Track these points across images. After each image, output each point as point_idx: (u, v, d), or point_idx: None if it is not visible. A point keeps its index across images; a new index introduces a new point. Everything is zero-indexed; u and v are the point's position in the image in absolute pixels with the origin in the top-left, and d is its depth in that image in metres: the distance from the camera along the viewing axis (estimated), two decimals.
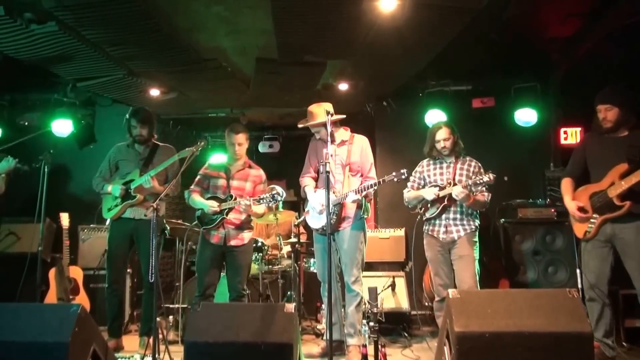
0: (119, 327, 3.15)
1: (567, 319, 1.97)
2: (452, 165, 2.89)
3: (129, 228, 3.07)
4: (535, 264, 3.58)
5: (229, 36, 3.15)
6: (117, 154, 3.21)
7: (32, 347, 1.91)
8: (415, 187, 2.99)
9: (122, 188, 3.03)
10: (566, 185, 2.80)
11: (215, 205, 2.88)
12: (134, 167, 3.12)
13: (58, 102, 4.00)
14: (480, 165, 2.89)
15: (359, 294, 2.83)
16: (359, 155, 2.92)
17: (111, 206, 3.11)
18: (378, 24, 2.79)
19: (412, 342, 3.31)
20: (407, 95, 4.25)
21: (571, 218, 2.77)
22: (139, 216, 3.06)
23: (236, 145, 2.98)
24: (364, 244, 2.90)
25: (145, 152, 3.17)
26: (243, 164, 3.04)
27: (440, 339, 2.23)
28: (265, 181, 3.09)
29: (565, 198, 2.77)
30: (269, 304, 3.41)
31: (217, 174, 3.03)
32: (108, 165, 3.20)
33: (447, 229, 2.82)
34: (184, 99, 4.19)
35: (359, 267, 2.86)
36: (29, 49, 2.96)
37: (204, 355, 2.08)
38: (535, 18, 3.20)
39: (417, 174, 3.01)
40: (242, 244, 2.94)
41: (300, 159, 3.16)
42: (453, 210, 2.81)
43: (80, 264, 3.86)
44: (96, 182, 3.17)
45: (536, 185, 4.07)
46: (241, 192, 2.93)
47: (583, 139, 2.91)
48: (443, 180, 2.87)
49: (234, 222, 2.93)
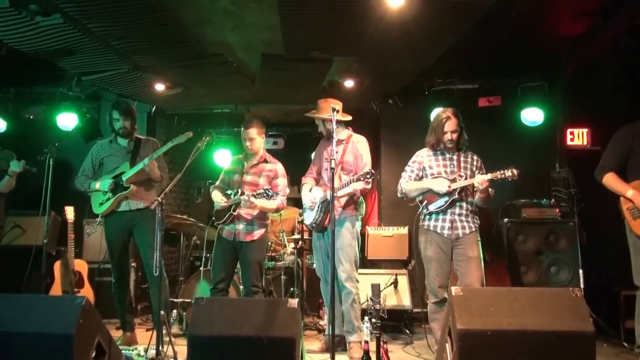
0: (131, 321, 3.13)
1: (570, 318, 1.96)
2: (456, 157, 2.73)
3: (125, 221, 3.02)
4: (538, 264, 3.57)
5: (235, 31, 3.15)
6: (100, 152, 3.13)
7: (37, 338, 1.93)
8: (413, 177, 2.78)
9: (111, 182, 2.97)
10: (616, 178, 2.62)
11: (222, 201, 2.89)
12: (121, 161, 3.05)
13: (63, 95, 4.01)
14: (480, 160, 2.78)
15: (351, 292, 2.81)
16: (352, 155, 2.91)
17: (102, 200, 3.04)
18: (385, 20, 2.78)
19: (413, 339, 3.33)
20: (413, 93, 4.22)
21: (629, 216, 2.56)
22: (134, 207, 3.01)
23: (247, 141, 2.97)
24: (355, 241, 2.88)
25: (130, 145, 3.10)
26: (258, 159, 3.02)
27: (442, 336, 2.22)
28: (283, 174, 3.03)
29: (628, 192, 2.55)
30: (273, 299, 3.43)
31: (234, 169, 3.04)
32: (91, 164, 3.12)
33: (452, 225, 2.64)
34: (189, 94, 4.19)
35: (351, 263, 2.84)
36: (33, 42, 2.96)
37: (207, 349, 2.09)
38: (545, 16, 3.17)
39: (416, 164, 2.80)
40: (252, 240, 2.91)
41: (304, 156, 3.16)
42: (460, 205, 2.65)
43: (85, 257, 3.89)
44: (80, 182, 3.09)
45: (541, 185, 4.04)
46: (255, 187, 2.89)
47: (624, 134, 2.68)
48: (447, 173, 2.68)
49: (245, 217, 2.91)
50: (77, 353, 1.89)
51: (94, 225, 4.00)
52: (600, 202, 2.96)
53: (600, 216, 3.17)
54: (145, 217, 2.97)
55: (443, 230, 2.67)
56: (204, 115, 5.05)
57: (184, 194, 5.27)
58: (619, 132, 2.70)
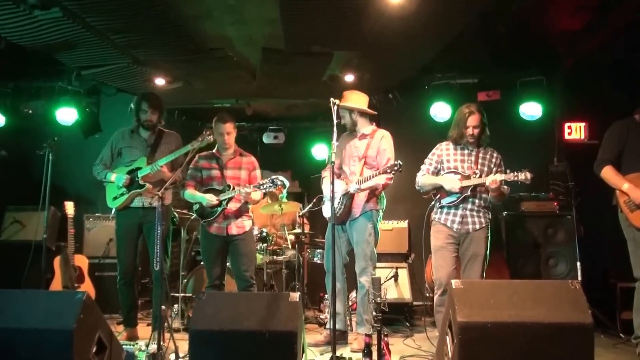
0: (134, 318, 3.13)
1: (568, 309, 1.98)
2: (475, 153, 2.71)
3: (137, 217, 3.01)
4: (536, 257, 3.60)
5: (235, 25, 3.13)
6: (120, 141, 3.07)
7: (38, 334, 1.91)
8: (431, 170, 2.78)
9: (126, 177, 2.94)
10: (614, 172, 2.63)
11: (213, 198, 2.87)
12: (139, 154, 3.02)
13: (62, 90, 3.98)
14: (500, 157, 2.77)
15: (364, 286, 2.86)
16: (376, 150, 2.93)
17: (116, 195, 3.02)
18: (386, 14, 2.77)
19: (413, 332, 3.36)
20: (413, 88, 4.22)
21: (626, 209, 2.58)
22: (147, 204, 2.99)
23: (225, 135, 2.94)
24: (372, 236, 2.90)
25: (151, 138, 3.06)
26: (233, 153, 3.02)
27: (443, 329, 2.25)
28: (258, 167, 3.07)
29: (624, 185, 2.56)
30: (274, 293, 3.44)
31: (210, 165, 3.00)
32: (110, 152, 3.06)
33: (463, 220, 2.67)
34: (189, 88, 4.17)
35: (367, 259, 2.88)
36: (32, 35, 2.94)
37: (209, 343, 2.09)
38: (544, 11, 3.17)
39: (435, 156, 2.80)
40: (244, 231, 2.95)
41: (305, 150, 3.16)
42: (472, 200, 2.67)
43: (85, 252, 3.89)
44: (97, 170, 3.05)
45: (539, 179, 4.05)
46: (237, 181, 2.93)
47: (619, 128, 2.70)
48: (464, 168, 2.68)
49: (233, 210, 2.93)
50: (77, 348, 1.88)
51: (94, 220, 4.00)
52: (598, 196, 2.99)
53: (598, 209, 3.19)
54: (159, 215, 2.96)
55: (453, 224, 2.71)
56: (205, 110, 5.02)
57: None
58: (613, 126, 2.72)
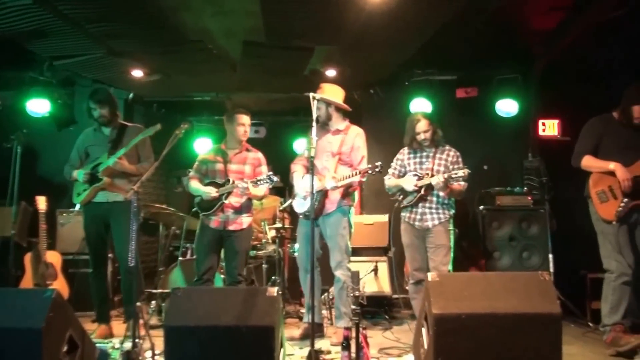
0: (107, 313, 3.06)
1: (538, 300, 2.04)
2: (432, 155, 2.94)
3: (101, 212, 2.97)
4: (511, 249, 3.71)
5: (215, 17, 3.08)
6: (85, 141, 3.06)
7: (5, 333, 1.86)
8: (396, 174, 3.03)
9: (85, 173, 2.92)
10: (594, 158, 2.66)
11: (212, 191, 2.86)
12: (102, 151, 2.98)
13: (33, 80, 3.83)
14: (458, 154, 2.95)
15: (340, 279, 2.89)
16: (350, 147, 2.94)
17: (80, 191, 3.00)
18: (367, 10, 2.78)
19: (392, 325, 3.42)
20: (394, 84, 4.26)
21: (596, 199, 2.64)
22: (111, 199, 2.95)
23: (246, 127, 2.98)
24: (347, 230, 2.93)
25: (112, 133, 3.02)
26: (241, 147, 3.02)
27: (419, 321, 2.29)
28: (265, 162, 3.06)
29: (610, 165, 2.58)
30: (252, 288, 3.43)
31: (215, 158, 3.00)
32: (77, 154, 3.04)
33: (422, 217, 2.89)
34: (169, 81, 4.08)
35: (342, 252, 2.91)
36: (0, 23, 2.81)
37: (185, 339, 2.06)
38: (519, 10, 3.24)
39: (399, 161, 3.05)
40: (241, 228, 2.93)
41: (286, 145, 3.15)
42: (429, 199, 2.89)
43: (59, 248, 3.77)
44: (66, 170, 3.04)
45: (515, 174, 4.18)
46: (241, 176, 2.91)
47: (597, 123, 2.75)
48: (422, 170, 2.92)
49: (234, 205, 2.91)
50: (46, 348, 1.83)
51: (67, 215, 3.89)
52: (570, 191, 3.10)
53: (570, 204, 3.31)
54: (122, 209, 2.90)
55: (414, 222, 2.93)
56: (184, 103, 4.95)
57: (163, 183, 5.17)
58: (590, 121, 2.80)
